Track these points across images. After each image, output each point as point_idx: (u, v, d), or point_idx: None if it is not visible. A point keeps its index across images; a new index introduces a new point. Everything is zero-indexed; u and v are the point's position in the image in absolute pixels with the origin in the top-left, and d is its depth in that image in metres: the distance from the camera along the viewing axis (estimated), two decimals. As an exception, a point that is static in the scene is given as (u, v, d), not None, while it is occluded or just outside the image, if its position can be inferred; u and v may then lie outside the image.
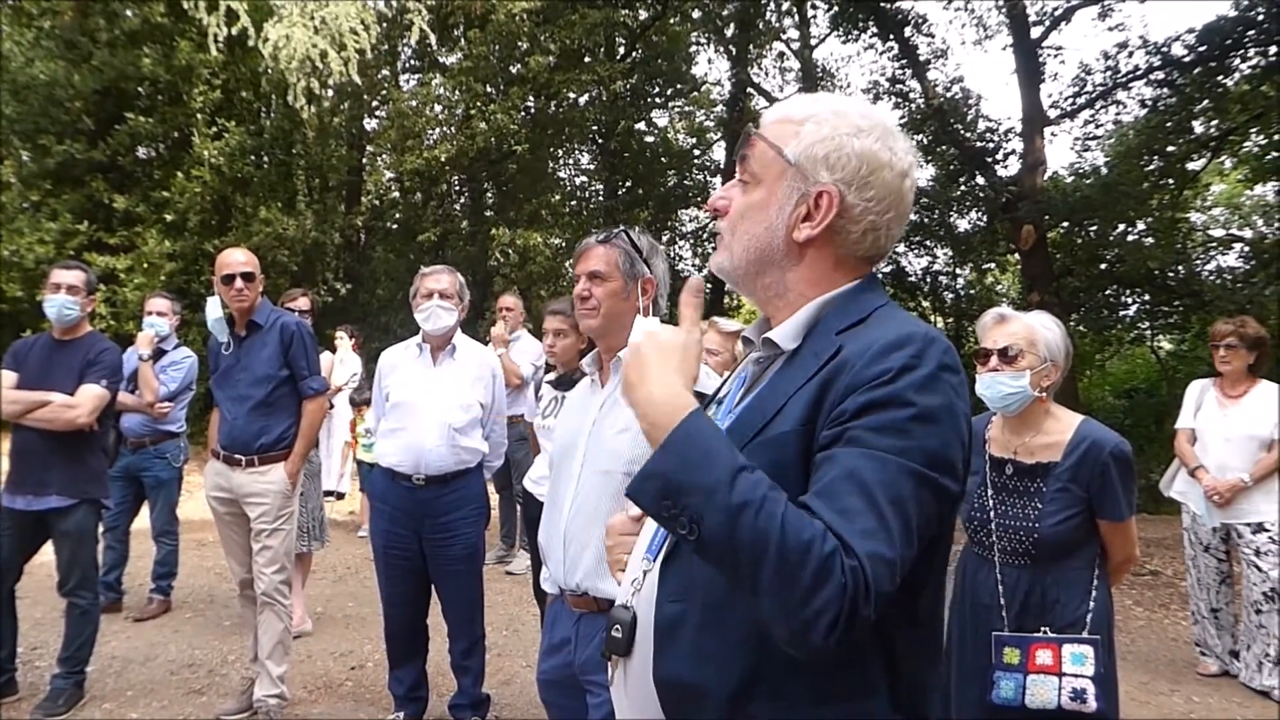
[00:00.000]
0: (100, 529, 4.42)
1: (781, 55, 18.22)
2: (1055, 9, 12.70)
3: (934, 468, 1.09)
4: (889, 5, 13.37)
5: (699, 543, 1.07)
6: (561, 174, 17.49)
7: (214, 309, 4.01)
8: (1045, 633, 2.49)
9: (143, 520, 5.79)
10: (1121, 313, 14.70)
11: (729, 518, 1.03)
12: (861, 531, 1.02)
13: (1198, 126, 12.03)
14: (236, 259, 3.98)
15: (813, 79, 16.88)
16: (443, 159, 12.50)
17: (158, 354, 5.49)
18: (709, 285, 18.05)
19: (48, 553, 4.18)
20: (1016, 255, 13.86)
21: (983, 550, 2.70)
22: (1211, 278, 12.64)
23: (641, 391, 1.17)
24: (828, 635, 0.99)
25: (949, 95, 13.88)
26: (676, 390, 1.16)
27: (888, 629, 1.15)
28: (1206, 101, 11.43)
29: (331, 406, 6.77)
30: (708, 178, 17.65)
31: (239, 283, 3.91)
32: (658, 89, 17.28)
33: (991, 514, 2.66)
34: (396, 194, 15.25)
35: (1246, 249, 13.61)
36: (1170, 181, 12.62)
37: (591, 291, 2.46)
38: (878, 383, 1.11)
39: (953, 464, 1.12)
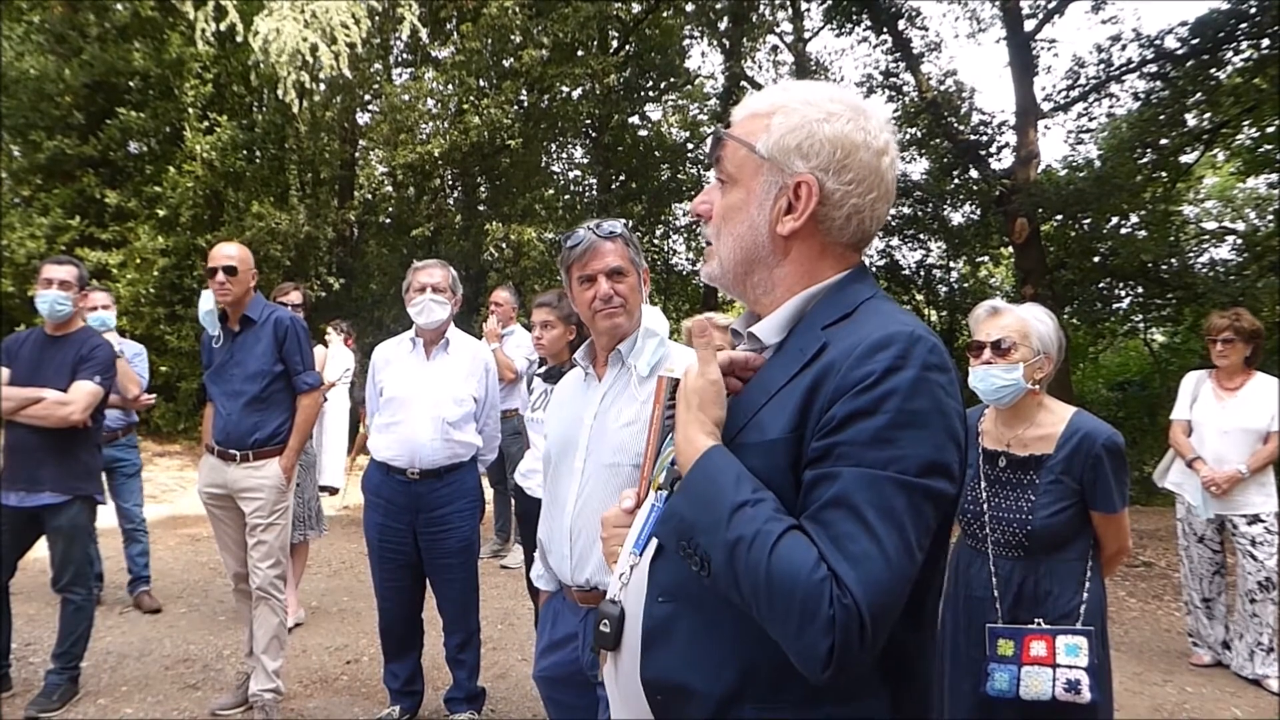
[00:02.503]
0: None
1: (775, 48, 18.22)
2: (1049, 2, 12.71)
3: (927, 474, 1.07)
4: (883, -2, 13.36)
5: (712, 578, 1.10)
6: (555, 168, 17.46)
7: (206, 302, 4.00)
8: (1039, 624, 2.49)
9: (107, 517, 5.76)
10: (1114, 305, 14.72)
11: (728, 554, 1.07)
12: (854, 558, 1.02)
13: (1190, 119, 12.04)
14: (223, 253, 3.95)
15: (806, 72, 16.86)
16: (435, 153, 12.44)
17: None
18: (701, 283, 18.03)
19: (41, 549, 4.17)
20: (1010, 248, 13.89)
21: (976, 543, 2.70)
22: (1204, 270, 12.65)
23: (678, 440, 1.22)
24: (825, 667, 1.00)
25: (942, 88, 13.90)
26: (693, 435, 1.19)
27: (894, 634, 1.14)
28: (1199, 94, 11.44)
29: (325, 400, 6.75)
30: (701, 172, 17.62)
31: (220, 276, 3.89)
32: (651, 83, 17.25)
33: (985, 506, 2.66)
34: (389, 188, 15.19)
35: (1239, 242, 13.63)
36: (1163, 174, 12.66)
37: (616, 290, 2.38)
38: (862, 387, 1.09)
39: (946, 466, 1.10)
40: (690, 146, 18.12)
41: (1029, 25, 12.78)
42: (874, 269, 16.19)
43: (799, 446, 1.14)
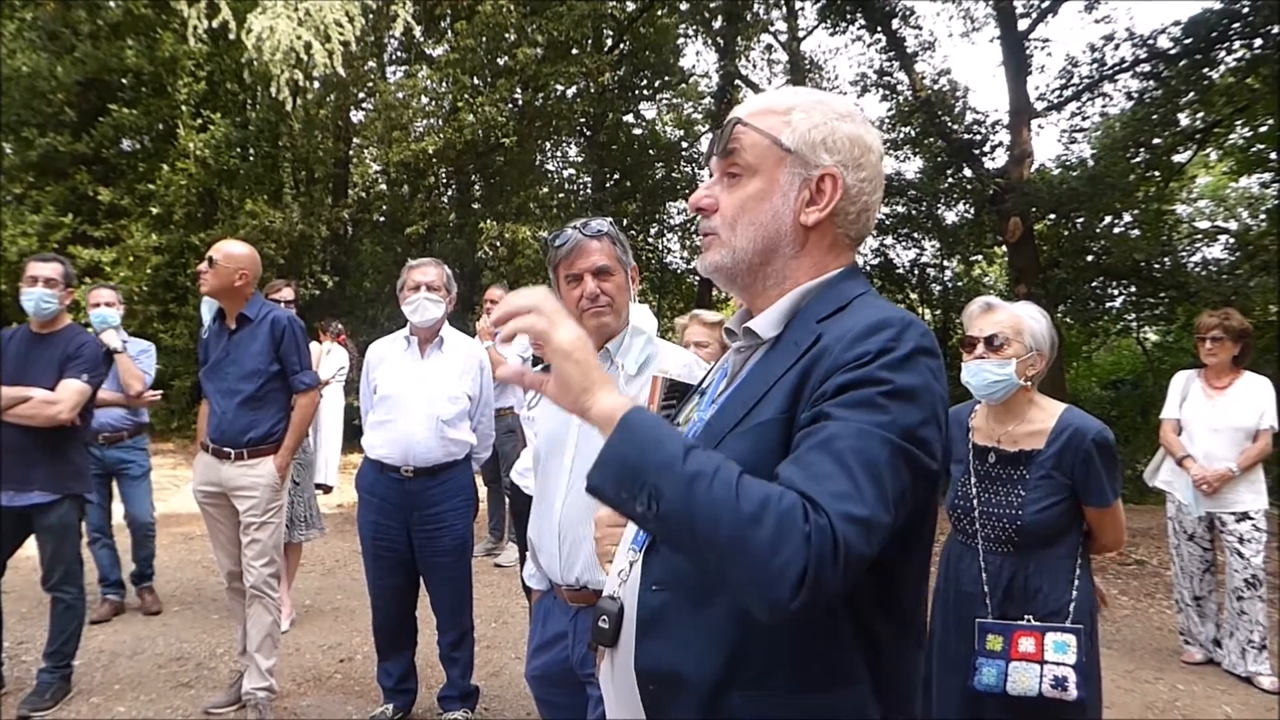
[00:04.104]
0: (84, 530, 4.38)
1: (769, 47, 18.23)
2: (1042, 1, 12.74)
3: (910, 441, 1.09)
4: (877, -3, 13.37)
5: (659, 519, 1.06)
6: (549, 167, 17.46)
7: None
8: (1029, 621, 2.50)
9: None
10: (1108, 304, 14.77)
11: (685, 488, 1.03)
12: (833, 492, 1.02)
13: (1183, 119, 12.07)
14: (214, 245, 3.96)
15: (800, 71, 16.88)
16: (430, 151, 12.43)
17: None
18: (696, 280, 18.06)
19: (32, 547, 4.15)
20: (1004, 247, 13.91)
21: (966, 538, 2.71)
22: (1197, 270, 12.70)
23: (596, 396, 1.17)
24: (795, 594, 0.98)
25: (936, 87, 13.93)
26: (613, 393, 1.18)
27: (866, 619, 1.16)
28: (1192, 94, 11.47)
29: (320, 397, 6.72)
30: (695, 170, 17.62)
31: (203, 265, 3.89)
32: (645, 81, 17.25)
33: (975, 502, 2.67)
34: (383, 186, 15.20)
35: (1231, 241, 13.67)
36: (1156, 174, 12.68)
37: (602, 289, 2.36)
38: (855, 365, 1.12)
39: (928, 441, 1.12)
40: (685, 145, 18.13)
41: (1022, 24, 12.80)
42: (868, 268, 16.22)
43: (789, 428, 1.16)
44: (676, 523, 1.05)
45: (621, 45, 16.16)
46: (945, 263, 17.57)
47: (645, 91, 17.56)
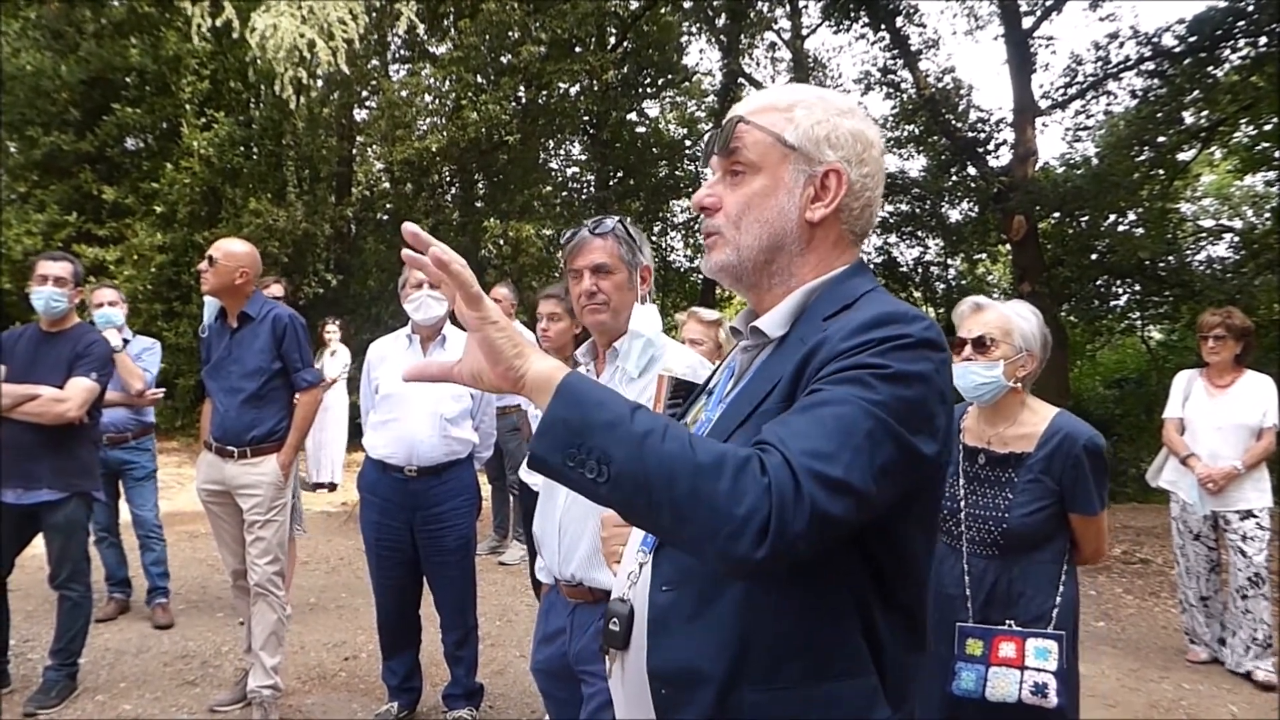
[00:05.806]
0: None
1: (773, 45, 18.21)
2: (1046, -1, 12.74)
3: (902, 423, 1.06)
4: (880, -5, 13.37)
5: (611, 483, 1.02)
6: (553, 165, 17.46)
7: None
8: (1010, 625, 2.46)
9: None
10: (1112, 303, 14.77)
11: (636, 446, 1.00)
12: (804, 449, 1.00)
13: (1188, 117, 12.07)
14: (214, 244, 3.97)
15: (804, 69, 16.85)
16: (433, 149, 12.43)
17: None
18: (700, 279, 18.07)
19: (38, 545, 4.16)
20: (1008, 245, 13.91)
21: (952, 540, 2.67)
22: (1201, 268, 12.69)
23: (528, 361, 1.12)
24: (757, 544, 0.96)
25: (940, 85, 13.95)
26: (548, 360, 1.14)
27: (869, 612, 1.16)
28: (1197, 92, 11.48)
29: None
30: (699, 168, 17.60)
31: (204, 264, 3.90)
32: (649, 79, 17.26)
33: (962, 504, 2.63)
34: (387, 185, 15.18)
35: (1236, 239, 13.67)
36: (1160, 172, 12.68)
37: (599, 286, 2.39)
38: (854, 351, 1.11)
39: (920, 425, 1.09)
40: (688, 143, 18.12)
41: (1027, 22, 12.81)
42: (871, 265, 16.20)
43: None
44: (631, 484, 1.01)
45: (625, 43, 16.15)
46: (949, 261, 17.58)
47: (649, 89, 17.57)
